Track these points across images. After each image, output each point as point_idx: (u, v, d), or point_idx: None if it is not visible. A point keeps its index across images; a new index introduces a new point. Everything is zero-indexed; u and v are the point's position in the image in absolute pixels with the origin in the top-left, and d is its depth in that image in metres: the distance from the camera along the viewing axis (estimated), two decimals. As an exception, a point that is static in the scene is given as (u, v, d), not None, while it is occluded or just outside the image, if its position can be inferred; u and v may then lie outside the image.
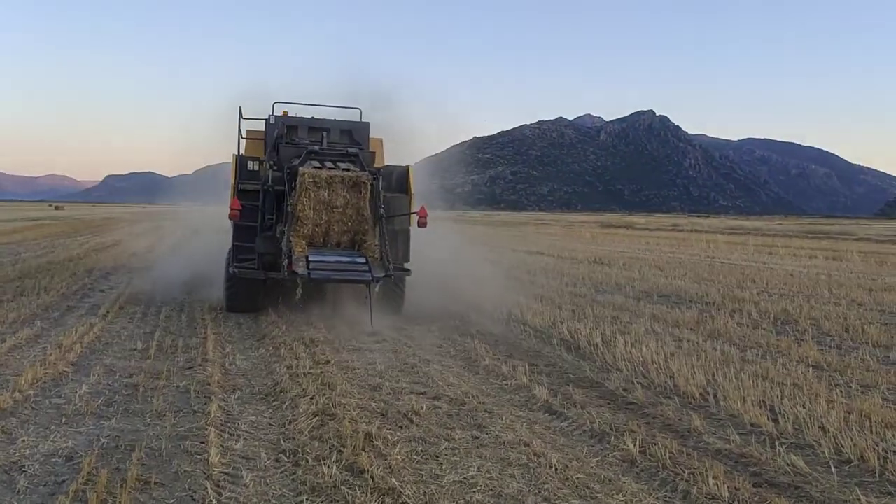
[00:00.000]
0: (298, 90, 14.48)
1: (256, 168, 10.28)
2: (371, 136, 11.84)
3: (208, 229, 25.73)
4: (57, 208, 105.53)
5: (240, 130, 11.72)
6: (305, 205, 9.31)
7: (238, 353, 7.68)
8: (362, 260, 9.19)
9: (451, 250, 18.29)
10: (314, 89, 14.28)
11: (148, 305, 10.84)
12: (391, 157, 12.34)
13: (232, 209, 9.67)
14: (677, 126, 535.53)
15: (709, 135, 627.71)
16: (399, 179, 10.71)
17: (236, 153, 10.96)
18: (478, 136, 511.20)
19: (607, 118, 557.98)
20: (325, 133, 11.09)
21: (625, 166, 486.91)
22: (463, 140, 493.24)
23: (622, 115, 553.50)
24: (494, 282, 14.58)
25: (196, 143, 17.57)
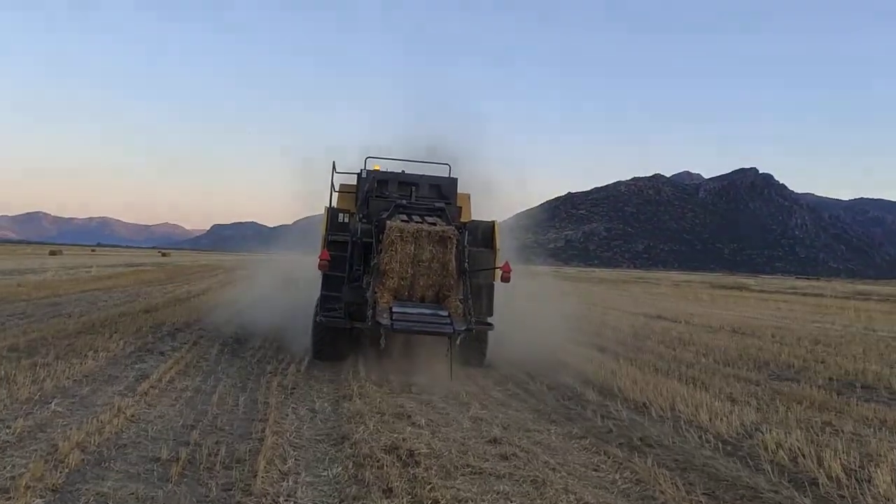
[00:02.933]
0: (390, 146, 13.66)
1: (346, 220, 10.58)
2: (459, 191, 12.06)
3: (299, 280, 24.03)
4: (163, 255, 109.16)
5: (332, 184, 12.09)
6: (392, 258, 9.37)
7: (302, 473, 5.21)
8: (444, 313, 9.20)
9: (563, 315, 16.48)
10: (404, 145, 14.22)
11: (205, 377, 8.66)
12: (480, 211, 12.42)
13: (321, 259, 10.05)
14: (782, 184, 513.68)
15: (817, 194, 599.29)
16: (485, 234, 10.78)
17: (328, 206, 11.42)
18: (572, 191, 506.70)
19: (707, 175, 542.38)
20: (414, 187, 11.38)
21: (725, 225, 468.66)
22: (557, 195, 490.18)
23: (723, 173, 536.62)
24: (630, 357, 11.88)
25: (296, 195, 18.05)
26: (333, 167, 12.02)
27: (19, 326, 12.21)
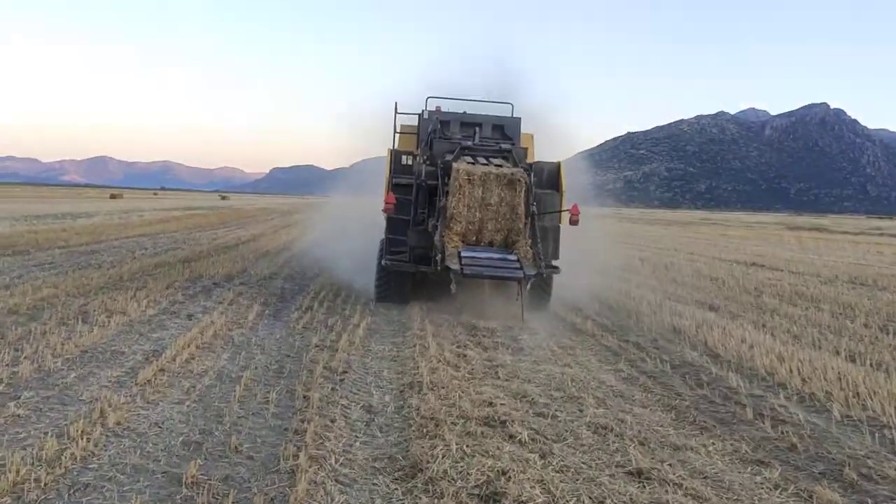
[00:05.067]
0: (450, 84, 12.82)
1: (410, 162, 10.38)
2: (522, 131, 11.73)
3: (357, 223, 22.39)
4: (223, 198, 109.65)
5: (395, 125, 11.90)
6: (460, 202, 9.20)
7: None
8: (513, 257, 9.03)
9: (644, 261, 14.86)
10: (465, 83, 13.39)
11: (234, 354, 6.76)
12: (541, 152, 12.01)
13: (386, 203, 9.84)
14: (854, 120, 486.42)
15: (892, 129, 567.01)
16: (550, 176, 10.50)
17: (391, 147, 11.07)
18: (631, 131, 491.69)
19: (773, 112, 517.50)
20: (477, 128, 11.05)
21: (791, 163, 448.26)
22: (616, 136, 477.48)
23: (791, 109, 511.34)
24: (754, 319, 9.71)
25: (354, 137, 17.74)
26: (395, 108, 11.72)
27: (36, 280, 10.60)
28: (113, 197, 78.01)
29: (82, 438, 4.25)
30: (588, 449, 4.57)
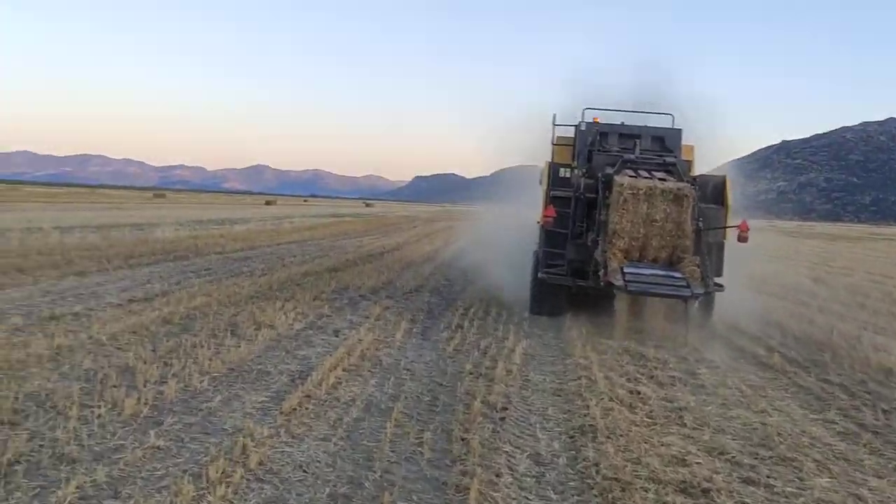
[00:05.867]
0: (604, 95, 12.31)
1: (568, 175, 10.28)
2: (683, 142, 11.22)
3: (501, 234, 21.86)
4: (367, 205, 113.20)
5: (553, 137, 11.69)
6: (623, 217, 8.94)
7: None
8: (678, 275, 8.68)
9: (819, 281, 15.49)
10: (619, 94, 12.83)
11: (383, 379, 6.19)
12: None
13: (545, 216, 9.82)
14: None
15: None
16: (715, 190, 10.06)
17: (549, 160, 11.09)
18: (787, 139, 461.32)
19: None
20: (637, 140, 10.68)
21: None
22: (769, 144, 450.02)
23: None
24: None
25: (495, 147, 17.28)
26: (554, 119, 11.50)
27: (192, 288, 10.70)
28: (268, 203, 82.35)
29: (221, 483, 3.77)
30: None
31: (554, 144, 11.64)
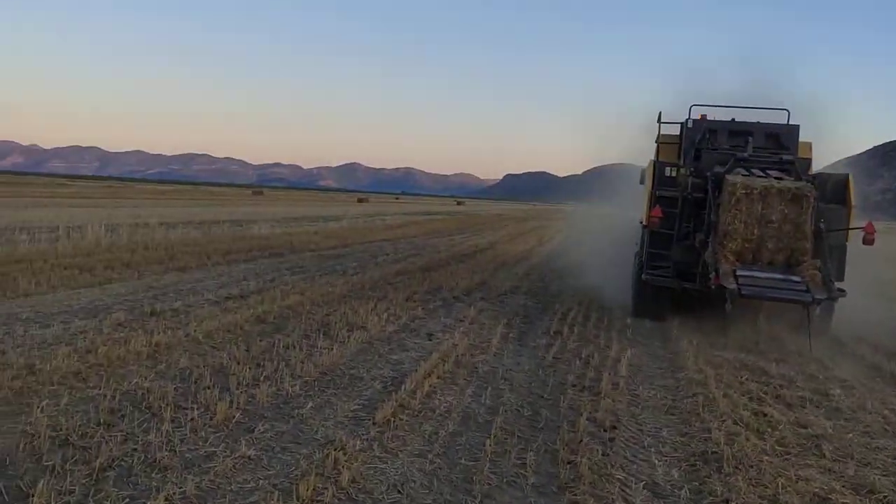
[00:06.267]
0: (709, 91, 12.26)
1: (674, 174, 9.97)
2: (800, 139, 10.75)
3: (597, 234, 21.25)
4: (459, 203, 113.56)
5: (658, 135, 11.31)
6: (736, 218, 8.51)
7: None
8: (798, 279, 8.16)
9: None
10: (726, 90, 12.58)
11: (479, 388, 5.82)
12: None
13: (651, 216, 9.51)
14: None
15: None
16: (836, 188, 9.44)
17: (654, 159, 10.67)
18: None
19: None
20: (749, 137, 10.20)
21: None
22: (888, 140, 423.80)
23: None
24: None
25: (588, 145, 17.24)
26: (660, 117, 11.06)
27: (285, 286, 10.69)
28: (360, 201, 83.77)
29: (312, 502, 3.51)
30: None
31: (659, 143, 11.21)
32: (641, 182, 14.38)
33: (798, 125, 10.68)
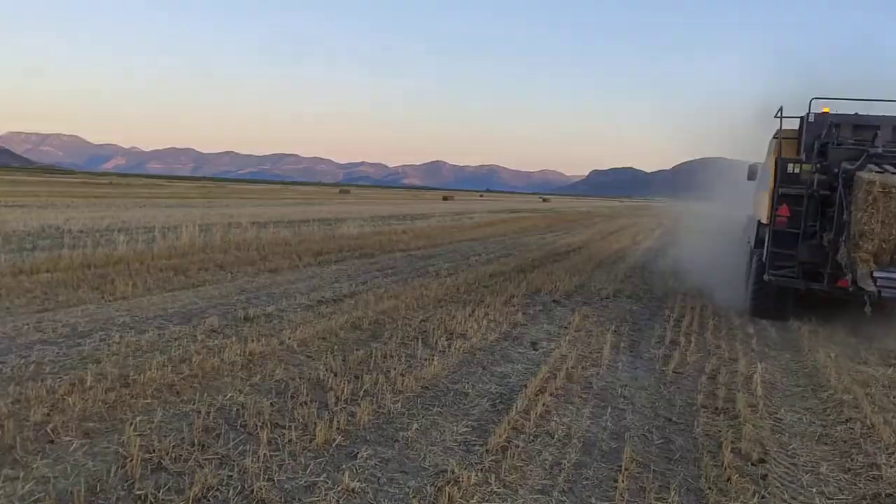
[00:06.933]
0: (819, 84, 11.23)
1: (797, 171, 9.55)
2: None
3: (697, 232, 20.25)
4: (544, 200, 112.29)
5: (779, 130, 10.89)
6: (872, 217, 7.98)
7: None
8: None
9: None
10: (834, 83, 11.46)
11: (597, 409, 5.26)
12: None
13: (779, 215, 9.27)
14: None
15: None
16: None
17: (776, 155, 10.25)
18: None
19: None
20: (877, 131, 9.73)
21: None
22: None
23: None
24: None
25: (685, 138, 16.61)
26: (780, 112, 10.64)
27: (378, 289, 10.37)
28: (445, 199, 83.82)
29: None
30: None
31: (780, 138, 10.66)
32: (750, 178, 13.53)
33: None
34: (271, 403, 4.98)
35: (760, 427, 4.98)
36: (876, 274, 7.94)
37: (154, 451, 4.02)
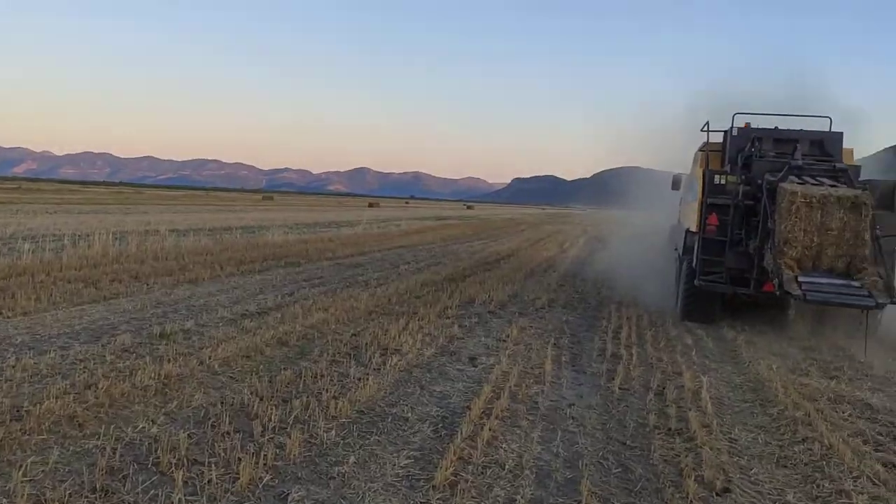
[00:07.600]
0: (740, 100, 11.77)
1: (723, 182, 9.90)
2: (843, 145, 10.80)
3: (621, 240, 20.42)
4: (468, 207, 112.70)
5: (706, 143, 11.28)
6: (795, 226, 8.55)
7: None
8: (858, 284, 8.27)
9: None
10: (759, 96, 12.54)
11: (547, 432, 4.91)
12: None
13: (709, 224, 9.66)
14: None
15: None
16: (884, 194, 9.26)
17: (704, 167, 10.68)
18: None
19: None
20: (796, 145, 10.26)
21: None
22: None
23: None
24: None
25: (599, 148, 16.71)
26: (707, 127, 10.98)
27: (306, 300, 9.82)
28: (371, 206, 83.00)
29: None
30: None
31: (706, 151, 11.19)
32: (674, 188, 13.79)
33: (842, 132, 10.65)
34: (189, 435, 4.43)
35: (718, 450, 4.73)
36: (801, 279, 8.36)
37: (45, 501, 3.43)
